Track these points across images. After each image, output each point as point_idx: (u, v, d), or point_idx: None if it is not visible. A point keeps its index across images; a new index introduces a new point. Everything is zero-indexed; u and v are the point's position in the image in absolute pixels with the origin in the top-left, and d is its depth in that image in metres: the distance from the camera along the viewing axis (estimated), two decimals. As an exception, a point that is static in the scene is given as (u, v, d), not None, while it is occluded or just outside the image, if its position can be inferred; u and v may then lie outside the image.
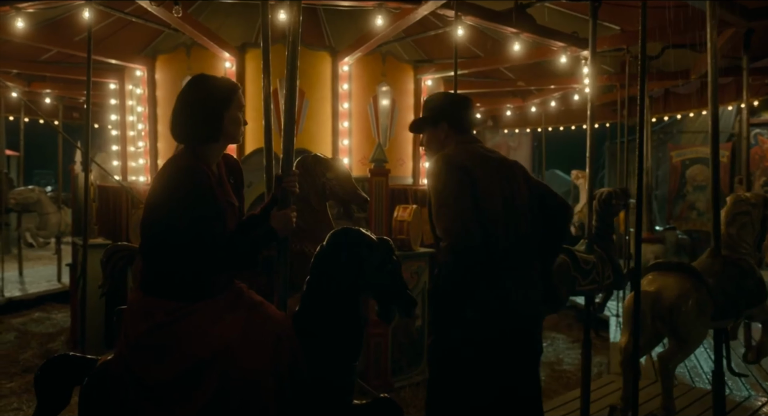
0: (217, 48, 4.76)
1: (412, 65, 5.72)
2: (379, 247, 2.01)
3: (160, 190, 1.89)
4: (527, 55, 5.16)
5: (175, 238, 1.84)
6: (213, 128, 1.96)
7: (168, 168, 1.92)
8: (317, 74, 5.13)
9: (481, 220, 2.14)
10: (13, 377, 4.80)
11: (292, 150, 2.22)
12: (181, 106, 1.98)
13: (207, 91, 1.97)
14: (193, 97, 1.98)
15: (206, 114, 1.95)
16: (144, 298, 1.88)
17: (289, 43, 2.25)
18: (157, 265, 1.90)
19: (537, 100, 7.77)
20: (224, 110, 1.97)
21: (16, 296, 7.06)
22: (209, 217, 1.87)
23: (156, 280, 1.90)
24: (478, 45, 6.34)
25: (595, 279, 3.45)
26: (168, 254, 1.87)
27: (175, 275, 1.88)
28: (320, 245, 2.03)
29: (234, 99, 2.00)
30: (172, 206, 1.84)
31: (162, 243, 1.87)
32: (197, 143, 1.96)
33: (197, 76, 2.05)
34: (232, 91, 2.01)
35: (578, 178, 7.93)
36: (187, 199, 1.83)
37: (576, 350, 5.73)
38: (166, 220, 1.85)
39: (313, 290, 1.99)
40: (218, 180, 1.99)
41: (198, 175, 1.87)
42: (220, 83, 2.00)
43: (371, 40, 4.59)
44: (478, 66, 5.87)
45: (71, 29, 5.91)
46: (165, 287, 1.88)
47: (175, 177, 1.87)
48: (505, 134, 13.54)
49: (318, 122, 5.17)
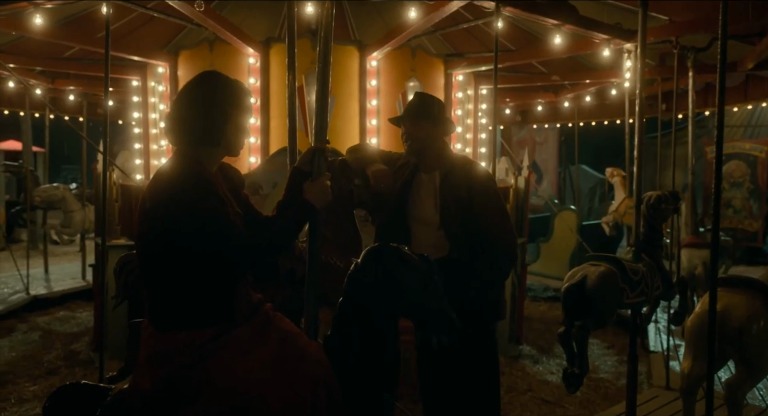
0: (240, 43, 4.60)
1: (443, 60, 5.48)
2: (419, 266, 1.81)
3: (162, 203, 1.64)
4: (567, 48, 4.88)
5: (196, 247, 1.62)
6: (216, 131, 1.73)
7: (169, 175, 1.66)
8: (344, 70, 4.92)
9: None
10: (37, 379, 4.74)
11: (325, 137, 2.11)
12: (183, 100, 1.75)
13: (216, 89, 1.76)
14: (199, 93, 1.75)
15: (210, 113, 1.73)
16: (157, 336, 1.67)
17: (321, 38, 2.05)
18: (171, 291, 1.68)
19: (570, 94, 7.46)
20: (231, 113, 1.76)
21: (41, 294, 7.05)
22: (228, 218, 1.65)
23: (169, 311, 1.68)
24: (511, 39, 6.09)
25: (644, 291, 3.19)
26: (185, 274, 1.66)
27: (193, 301, 1.66)
28: (354, 264, 1.84)
29: (244, 103, 1.80)
30: (183, 217, 1.61)
31: (177, 263, 1.65)
32: (196, 145, 1.73)
33: (208, 72, 1.83)
34: (243, 94, 1.81)
35: (613, 176, 7.61)
36: (201, 205, 1.61)
37: (612, 356, 5.48)
38: (177, 234, 1.62)
39: (347, 313, 1.80)
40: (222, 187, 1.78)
41: (206, 180, 1.65)
42: (232, 83, 1.80)
43: (403, 34, 4.37)
44: (515, 60, 5.61)
45: (93, 26, 5.83)
46: (181, 317, 1.67)
47: (181, 186, 1.62)
48: (531, 129, 13.22)
49: (345, 119, 4.98)
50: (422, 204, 2.55)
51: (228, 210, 1.67)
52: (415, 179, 2.61)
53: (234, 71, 4.91)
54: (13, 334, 5.97)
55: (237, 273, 1.74)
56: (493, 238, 2.42)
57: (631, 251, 3.39)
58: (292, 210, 1.85)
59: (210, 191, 1.64)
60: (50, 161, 12.11)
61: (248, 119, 1.84)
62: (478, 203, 2.44)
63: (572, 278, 3.07)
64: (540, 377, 4.92)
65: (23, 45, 6.26)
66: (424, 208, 2.54)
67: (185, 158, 1.71)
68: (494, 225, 2.42)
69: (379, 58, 4.95)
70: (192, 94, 1.76)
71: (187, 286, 1.67)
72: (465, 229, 2.41)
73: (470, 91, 5.83)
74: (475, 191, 2.45)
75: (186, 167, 1.67)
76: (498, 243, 2.43)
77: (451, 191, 2.46)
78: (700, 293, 4.87)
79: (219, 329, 1.67)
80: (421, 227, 2.53)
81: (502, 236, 2.43)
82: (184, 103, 1.76)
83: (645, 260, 3.31)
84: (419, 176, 2.61)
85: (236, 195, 1.88)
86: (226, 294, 1.71)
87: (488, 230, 2.41)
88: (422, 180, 2.60)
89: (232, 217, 1.67)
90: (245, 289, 1.79)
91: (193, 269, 1.66)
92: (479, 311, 2.43)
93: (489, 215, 2.43)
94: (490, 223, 2.41)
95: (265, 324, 1.78)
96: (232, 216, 1.68)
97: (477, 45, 6.37)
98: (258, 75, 4.85)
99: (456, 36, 6.24)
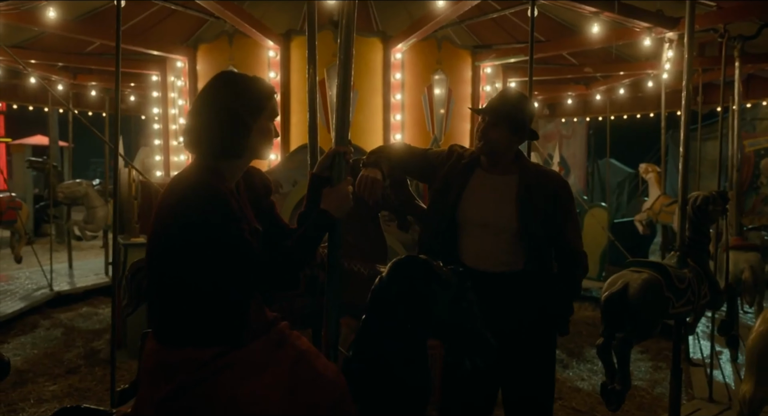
0: (260, 36, 4.45)
1: (471, 52, 5.27)
2: (452, 281, 1.63)
3: (171, 218, 1.52)
4: (603, 39, 4.62)
5: (203, 265, 1.50)
6: (237, 143, 1.59)
7: (182, 189, 1.53)
8: (367, 63, 4.75)
9: None
10: (56, 378, 4.70)
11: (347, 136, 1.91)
12: (201, 111, 1.60)
13: (236, 97, 1.59)
14: (218, 103, 1.59)
15: (231, 125, 1.57)
16: (162, 350, 1.54)
17: (342, 29, 1.87)
18: (175, 307, 1.55)
19: (603, 87, 7.16)
20: (254, 121, 1.60)
21: (64, 290, 7.05)
22: (240, 236, 1.51)
23: (173, 326, 1.55)
24: (542, 29, 5.81)
25: (690, 300, 2.95)
26: (191, 291, 1.52)
27: (198, 319, 1.53)
28: (378, 278, 1.66)
29: (267, 107, 1.63)
30: (190, 233, 1.48)
31: (182, 279, 1.53)
32: (217, 157, 1.59)
33: (225, 74, 1.66)
34: (266, 97, 1.64)
35: (648, 172, 7.27)
36: (210, 223, 1.47)
37: (646, 362, 5.22)
38: (183, 251, 1.50)
39: (369, 333, 1.62)
40: (239, 203, 1.63)
41: (220, 197, 1.50)
42: (253, 87, 1.62)
43: (428, 25, 4.16)
44: (546, 51, 5.36)
45: (113, 20, 5.72)
46: (185, 333, 1.54)
47: (191, 202, 1.49)
48: (558, 122, 12.88)
49: (368, 114, 4.81)
50: (494, 208, 2.23)
51: (242, 227, 1.52)
52: (474, 178, 2.28)
53: (253, 65, 4.78)
54: (36, 331, 5.96)
55: (249, 292, 1.60)
56: (573, 253, 2.25)
57: (675, 256, 3.14)
58: (310, 220, 1.70)
59: (222, 208, 1.50)
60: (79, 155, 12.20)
61: (273, 120, 1.68)
62: (562, 214, 2.24)
63: (612, 286, 2.85)
64: (570, 383, 4.70)
65: (46, 41, 6.22)
66: (497, 213, 2.21)
67: (202, 171, 1.57)
68: (574, 239, 2.27)
69: (404, 51, 4.76)
70: (209, 105, 1.60)
71: (192, 303, 1.54)
72: (547, 240, 2.23)
73: (498, 84, 5.60)
74: (561, 201, 2.25)
75: (200, 181, 1.53)
76: (578, 258, 2.27)
77: (535, 198, 2.21)
78: (748, 299, 4.57)
79: (224, 347, 1.54)
80: (488, 234, 2.21)
81: (580, 251, 2.28)
82: (201, 114, 1.61)
83: (691, 266, 3.07)
84: (482, 176, 2.30)
85: (258, 205, 1.75)
86: (235, 313, 1.57)
87: (569, 244, 2.25)
88: (490, 181, 2.28)
89: (246, 235, 1.53)
90: (258, 306, 1.64)
91: (199, 286, 1.52)
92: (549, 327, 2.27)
93: (570, 229, 2.26)
94: (571, 237, 2.25)
95: (279, 343, 1.62)
96: (247, 234, 1.53)
97: (505, 36, 6.12)
98: (278, 69, 4.70)
99: (483, 27, 6.00)
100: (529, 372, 2.21)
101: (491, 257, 2.19)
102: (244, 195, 1.69)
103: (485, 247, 2.20)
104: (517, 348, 2.13)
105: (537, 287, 2.18)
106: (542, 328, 2.22)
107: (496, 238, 2.20)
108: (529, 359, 2.20)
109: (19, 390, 4.41)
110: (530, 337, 2.18)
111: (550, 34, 5.77)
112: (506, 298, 2.13)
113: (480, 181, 2.29)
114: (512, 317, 2.13)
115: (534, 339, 2.19)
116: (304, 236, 1.65)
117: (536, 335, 2.20)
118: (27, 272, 7.84)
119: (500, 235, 2.20)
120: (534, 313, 2.18)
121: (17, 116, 12.31)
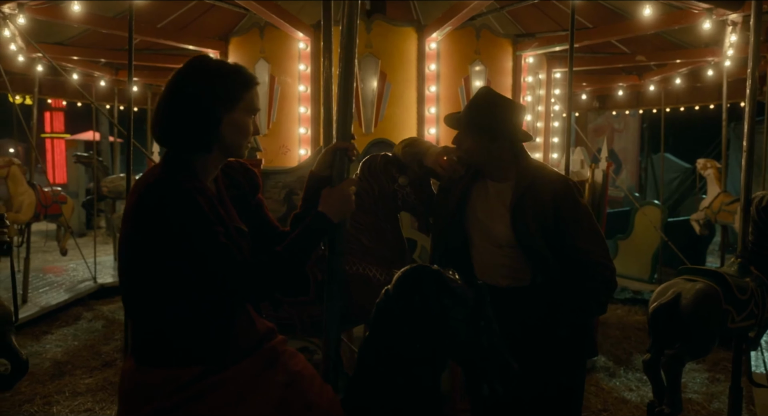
0: (289, 27, 4.31)
1: (511, 40, 4.97)
2: (468, 295, 1.42)
3: (134, 221, 1.38)
4: (657, 23, 4.24)
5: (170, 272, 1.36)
6: (204, 135, 1.43)
7: (143, 190, 1.39)
8: (400, 54, 4.54)
9: None
10: (93, 372, 4.76)
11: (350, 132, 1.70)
12: (167, 97, 1.45)
13: (204, 84, 1.43)
14: (183, 90, 1.44)
15: (196, 115, 1.42)
16: (139, 370, 1.40)
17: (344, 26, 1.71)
18: (150, 320, 1.41)
19: (657, 77, 6.70)
20: (225, 112, 1.44)
21: (108, 283, 7.20)
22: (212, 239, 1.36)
23: (148, 343, 1.41)
24: (588, 15, 5.47)
25: (753, 312, 2.64)
26: (163, 301, 1.38)
27: (175, 333, 1.38)
28: (384, 291, 1.47)
29: (243, 98, 1.46)
30: (154, 237, 1.35)
31: (151, 288, 1.39)
32: (184, 150, 1.44)
33: (197, 60, 1.50)
34: (242, 86, 1.47)
35: (706, 167, 6.78)
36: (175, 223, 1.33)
37: (701, 373, 4.83)
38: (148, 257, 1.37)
39: (372, 354, 1.43)
40: (218, 200, 1.47)
41: (184, 197, 1.35)
42: (227, 76, 1.46)
43: (463, 11, 3.92)
44: (593, 38, 5.01)
45: (155, 16, 5.77)
46: (161, 351, 1.39)
47: (152, 203, 1.35)
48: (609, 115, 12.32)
49: (402, 108, 4.60)
50: (490, 219, 2.04)
51: (213, 228, 1.36)
52: (476, 187, 2.11)
53: (284, 57, 4.66)
54: (78, 322, 6.11)
55: (232, 302, 1.44)
56: (585, 264, 1.97)
57: (735, 263, 2.82)
58: (305, 223, 1.53)
59: (187, 208, 1.34)
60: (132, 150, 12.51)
61: (250, 114, 1.51)
62: (566, 220, 1.98)
63: (662, 297, 2.57)
64: (617, 394, 4.39)
65: (89, 38, 6.31)
66: (492, 224, 2.04)
67: (168, 166, 1.44)
68: (588, 248, 1.97)
69: (439, 40, 4.53)
70: (174, 93, 1.46)
71: (166, 317, 1.40)
72: (551, 251, 1.98)
73: (542, 75, 5.28)
74: (562, 206, 1.99)
75: (162, 179, 1.38)
76: (596, 270, 1.97)
77: (529, 207, 1.98)
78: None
79: (207, 367, 1.39)
80: (491, 245, 2.05)
81: (599, 261, 1.97)
82: (168, 103, 1.46)
83: (754, 275, 2.75)
84: (482, 184, 2.11)
85: (244, 204, 1.58)
86: (216, 327, 1.42)
87: (578, 254, 1.97)
88: (488, 190, 2.09)
89: (221, 237, 1.37)
90: (247, 321, 1.48)
91: (171, 296, 1.38)
92: (569, 349, 2.00)
93: (581, 236, 1.98)
94: (581, 245, 1.97)
95: (270, 363, 1.45)
96: (222, 236, 1.37)
97: (549, 23, 5.79)
98: (308, 61, 4.55)
99: (526, 14, 5.69)
100: (550, 398, 1.98)
101: (496, 270, 2.01)
102: (225, 192, 1.53)
103: (490, 260, 2.03)
104: (537, 371, 1.90)
105: (551, 302, 1.94)
106: (563, 349, 1.97)
107: (498, 250, 2.01)
108: (549, 383, 1.97)
109: (57, 382, 4.49)
110: (550, 358, 1.94)
111: (598, 21, 5.41)
112: (517, 314, 1.92)
113: (480, 189, 2.10)
114: (527, 336, 1.91)
115: (555, 361, 1.96)
116: (296, 240, 1.48)
117: (557, 356, 1.96)
118: (72, 265, 8.07)
119: (501, 248, 2.01)
120: (549, 332, 1.94)
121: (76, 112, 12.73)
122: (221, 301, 1.41)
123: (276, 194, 3.91)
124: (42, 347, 5.31)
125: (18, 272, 6.58)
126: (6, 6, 3.87)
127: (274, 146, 4.75)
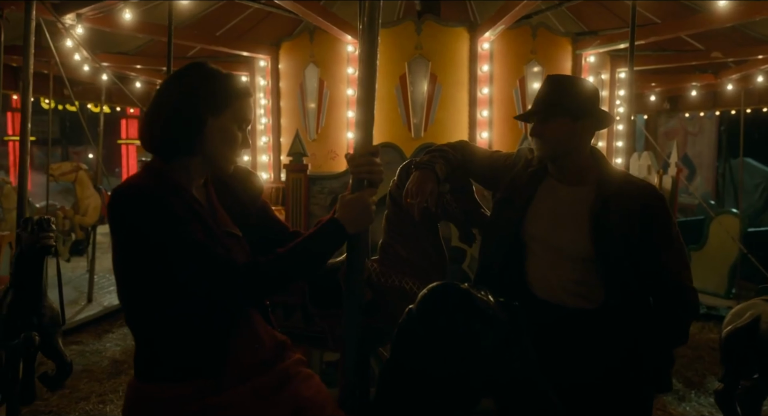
0: (337, 31, 4.25)
1: (571, 39, 4.71)
2: (501, 318, 1.25)
3: (114, 230, 1.35)
4: (734, 14, 3.86)
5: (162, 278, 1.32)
6: (185, 134, 1.37)
7: (116, 196, 1.35)
8: (451, 55, 4.40)
9: None
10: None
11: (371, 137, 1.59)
12: (154, 98, 1.42)
13: (193, 83, 1.39)
14: (170, 87, 1.41)
15: (181, 112, 1.37)
16: (139, 386, 1.36)
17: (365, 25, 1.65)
18: (142, 330, 1.38)
19: (736, 75, 6.20)
20: (210, 115, 1.38)
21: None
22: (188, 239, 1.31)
23: (143, 355, 1.37)
24: (655, 10, 5.11)
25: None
26: (149, 309, 1.34)
27: (165, 344, 1.33)
28: (407, 310, 1.32)
29: (231, 105, 1.40)
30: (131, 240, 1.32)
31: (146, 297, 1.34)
32: (164, 153, 1.40)
33: (194, 63, 1.46)
34: (232, 93, 1.40)
35: (792, 173, 6.23)
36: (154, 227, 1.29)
37: None
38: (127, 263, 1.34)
39: (392, 382, 1.29)
40: (206, 205, 1.43)
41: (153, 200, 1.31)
42: (217, 82, 1.41)
43: (516, 9, 3.72)
44: (660, 34, 4.64)
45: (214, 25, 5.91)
46: (156, 364, 1.34)
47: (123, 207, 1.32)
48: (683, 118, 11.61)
49: (452, 110, 4.45)
50: (564, 228, 1.83)
51: (188, 229, 1.31)
52: (542, 189, 1.91)
53: (333, 61, 4.63)
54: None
55: (224, 307, 1.36)
56: (677, 288, 1.77)
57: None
58: (317, 226, 1.46)
59: (156, 207, 1.30)
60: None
61: (240, 123, 1.43)
62: (658, 237, 1.77)
63: (738, 319, 2.29)
64: (687, 421, 4.04)
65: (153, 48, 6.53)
66: (566, 233, 1.82)
67: (146, 171, 1.41)
68: (678, 270, 1.78)
69: (492, 40, 4.34)
70: (162, 93, 1.43)
71: (155, 323, 1.35)
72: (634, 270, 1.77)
73: (605, 75, 4.98)
74: (655, 220, 1.78)
75: (133, 184, 1.36)
76: (687, 297, 1.78)
77: (616, 216, 1.77)
78: None
79: (203, 384, 1.31)
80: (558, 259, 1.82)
81: (688, 285, 1.78)
82: (153, 103, 1.43)
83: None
84: (552, 187, 1.90)
85: (243, 210, 1.52)
86: (209, 335, 1.34)
87: (669, 276, 1.77)
88: (560, 194, 1.88)
89: (199, 236, 1.31)
90: (250, 332, 1.39)
91: (157, 303, 1.33)
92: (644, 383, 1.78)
93: (672, 256, 1.78)
94: (672, 267, 1.77)
95: (278, 387, 1.35)
96: (200, 235, 1.32)
97: (614, 20, 5.46)
98: (356, 64, 4.46)
99: (587, 10, 5.39)
100: None
101: (563, 286, 1.77)
102: (215, 199, 1.47)
103: (554, 275, 1.79)
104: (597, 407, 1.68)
105: (624, 328, 1.71)
106: (632, 382, 1.74)
107: (568, 264, 1.78)
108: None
109: (113, 381, 4.60)
110: (615, 393, 1.71)
111: (666, 15, 5.04)
112: (583, 341, 1.70)
113: (548, 193, 1.87)
114: (591, 366, 1.69)
115: (620, 396, 1.73)
116: (302, 244, 1.40)
117: (623, 390, 1.73)
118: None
119: (574, 261, 1.77)
120: (619, 362, 1.71)
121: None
122: (212, 307, 1.34)
123: (322, 200, 3.85)
124: (102, 345, 5.48)
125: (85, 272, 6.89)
126: (67, 17, 4.03)
127: (323, 151, 4.70)
